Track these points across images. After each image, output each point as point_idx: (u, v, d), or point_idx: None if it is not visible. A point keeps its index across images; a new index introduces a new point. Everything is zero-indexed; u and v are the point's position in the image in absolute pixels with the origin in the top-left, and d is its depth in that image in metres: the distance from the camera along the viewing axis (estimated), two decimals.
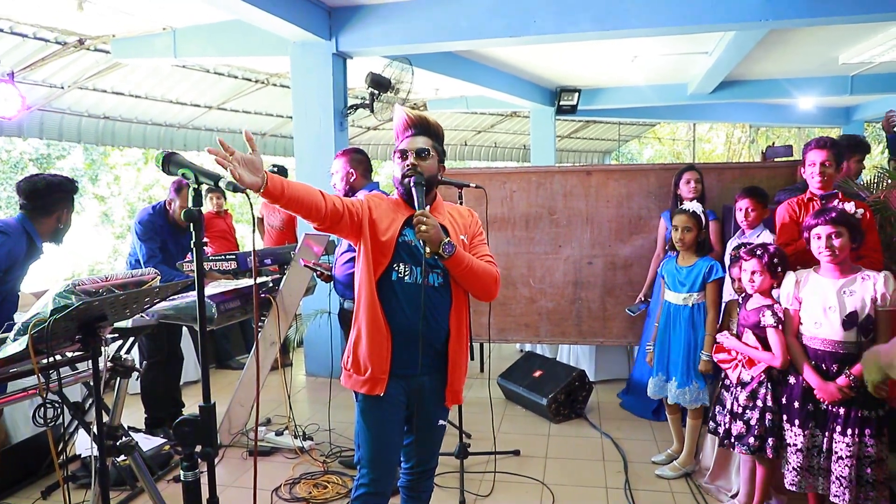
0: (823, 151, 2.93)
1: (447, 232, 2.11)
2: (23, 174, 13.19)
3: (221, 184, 1.50)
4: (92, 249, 14.46)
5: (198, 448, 1.58)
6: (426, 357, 2.13)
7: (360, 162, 3.35)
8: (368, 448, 2.16)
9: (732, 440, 2.86)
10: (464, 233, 2.22)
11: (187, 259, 3.60)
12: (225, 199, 5.86)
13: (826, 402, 2.58)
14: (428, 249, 1.99)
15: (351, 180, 3.31)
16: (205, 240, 1.54)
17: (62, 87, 6.05)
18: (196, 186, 1.47)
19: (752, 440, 2.77)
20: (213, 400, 1.64)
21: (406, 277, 2.11)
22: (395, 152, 2.19)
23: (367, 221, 2.11)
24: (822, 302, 2.58)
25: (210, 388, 1.55)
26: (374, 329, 2.09)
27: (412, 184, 2.08)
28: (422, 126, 2.20)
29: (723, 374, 3.04)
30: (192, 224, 1.44)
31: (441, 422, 2.28)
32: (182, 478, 1.57)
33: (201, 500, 1.58)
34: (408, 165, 2.12)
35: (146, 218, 3.99)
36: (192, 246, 1.46)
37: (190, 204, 1.46)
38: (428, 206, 2.14)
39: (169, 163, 1.54)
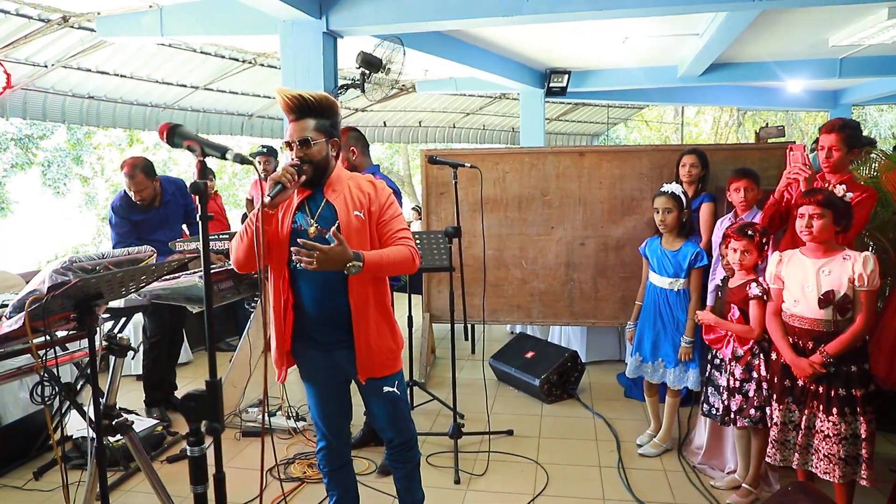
0: (831, 136, 2.87)
1: (336, 220, 2.12)
2: (4, 154, 12.99)
3: (229, 156, 1.46)
4: (76, 231, 14.30)
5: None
6: (336, 334, 2.20)
7: (357, 139, 3.31)
8: (314, 412, 2.38)
9: (733, 415, 2.89)
10: (361, 208, 2.17)
11: (178, 240, 3.55)
12: (214, 179, 5.80)
13: (801, 379, 2.61)
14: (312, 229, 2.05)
15: (352, 158, 3.26)
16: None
17: (45, 66, 5.92)
18: (202, 159, 1.44)
19: (752, 411, 2.81)
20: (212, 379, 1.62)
21: (299, 265, 2.07)
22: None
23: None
24: (801, 280, 2.62)
25: (215, 366, 1.53)
26: (276, 320, 2.20)
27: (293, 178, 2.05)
28: (301, 108, 2.12)
29: (710, 356, 3.07)
30: (198, 197, 1.41)
31: (388, 389, 2.30)
32: (189, 453, 1.56)
33: (207, 475, 1.58)
34: (294, 158, 2.10)
35: (116, 203, 3.98)
36: (197, 220, 1.44)
37: (196, 177, 1.44)
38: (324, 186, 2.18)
39: (174, 134, 1.50)
